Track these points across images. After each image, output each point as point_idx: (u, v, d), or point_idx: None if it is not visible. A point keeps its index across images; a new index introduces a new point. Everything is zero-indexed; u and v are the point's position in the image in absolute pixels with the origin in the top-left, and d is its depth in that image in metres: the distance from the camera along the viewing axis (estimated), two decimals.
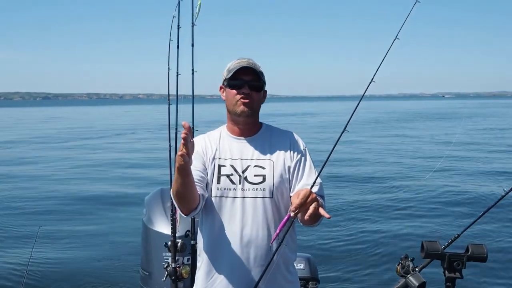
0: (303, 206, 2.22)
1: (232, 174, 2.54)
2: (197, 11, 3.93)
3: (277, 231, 2.37)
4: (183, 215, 2.48)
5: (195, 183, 2.43)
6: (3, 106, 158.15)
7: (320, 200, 2.44)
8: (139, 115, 73.38)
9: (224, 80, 2.60)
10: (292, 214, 2.25)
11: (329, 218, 2.27)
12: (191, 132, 2.21)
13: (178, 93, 4.05)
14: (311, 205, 2.21)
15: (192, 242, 3.88)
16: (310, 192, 2.24)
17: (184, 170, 2.26)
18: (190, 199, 2.40)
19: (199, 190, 2.46)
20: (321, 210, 2.24)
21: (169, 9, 4.04)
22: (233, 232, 2.50)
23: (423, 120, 49.31)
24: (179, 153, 2.18)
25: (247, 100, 2.53)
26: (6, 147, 26.27)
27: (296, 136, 2.68)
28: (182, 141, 2.17)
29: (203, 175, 2.54)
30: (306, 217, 2.23)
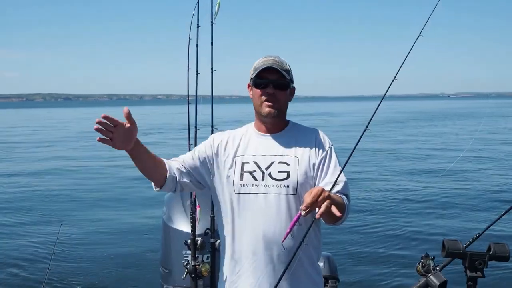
0: (314, 204, 2.19)
1: (255, 171, 2.52)
2: (216, 10, 3.95)
3: (288, 230, 2.33)
4: (154, 187, 2.56)
5: (180, 167, 2.55)
6: (26, 107, 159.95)
7: (343, 197, 2.43)
8: (161, 115, 73.83)
9: (251, 79, 2.59)
10: (303, 213, 2.23)
11: (339, 216, 2.23)
12: (129, 117, 2.24)
13: (198, 93, 4.07)
14: (322, 203, 2.18)
15: (212, 240, 3.89)
16: (322, 191, 2.20)
17: (130, 155, 2.40)
18: (150, 175, 2.50)
19: (173, 173, 2.52)
20: (333, 209, 2.20)
21: (188, 9, 4.06)
22: (256, 229, 2.48)
23: (441, 119, 48.95)
24: (97, 138, 2.24)
25: (271, 103, 2.52)
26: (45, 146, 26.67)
27: (322, 133, 2.64)
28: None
29: (197, 166, 2.59)
30: (317, 215, 2.20)
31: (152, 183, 2.54)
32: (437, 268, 2.96)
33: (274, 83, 2.52)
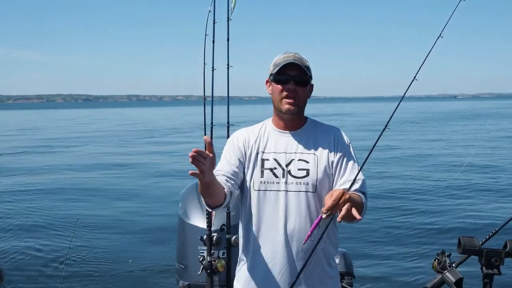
0: (335, 207, 2.20)
1: (275, 168, 2.53)
2: (232, 6, 3.94)
3: (309, 232, 2.35)
4: (208, 208, 2.44)
5: (227, 178, 2.45)
6: (47, 108, 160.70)
7: (361, 196, 2.44)
8: (181, 115, 74.33)
9: (270, 75, 2.59)
10: (324, 216, 2.23)
11: (359, 219, 2.23)
12: (211, 147, 2.16)
13: (215, 93, 4.06)
14: (344, 206, 2.19)
15: (228, 236, 3.89)
16: (343, 193, 2.21)
17: (202, 184, 2.24)
18: (214, 198, 2.36)
19: (227, 188, 2.42)
20: (353, 211, 2.21)
21: (205, 5, 4.06)
22: (276, 226, 2.50)
23: (458, 119, 48.63)
24: (190, 172, 2.11)
25: (291, 100, 2.52)
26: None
27: (341, 131, 2.66)
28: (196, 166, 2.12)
29: (236, 170, 2.54)
30: (338, 219, 2.21)
31: (206, 205, 2.42)
32: (453, 265, 2.96)
33: (295, 79, 2.52)
